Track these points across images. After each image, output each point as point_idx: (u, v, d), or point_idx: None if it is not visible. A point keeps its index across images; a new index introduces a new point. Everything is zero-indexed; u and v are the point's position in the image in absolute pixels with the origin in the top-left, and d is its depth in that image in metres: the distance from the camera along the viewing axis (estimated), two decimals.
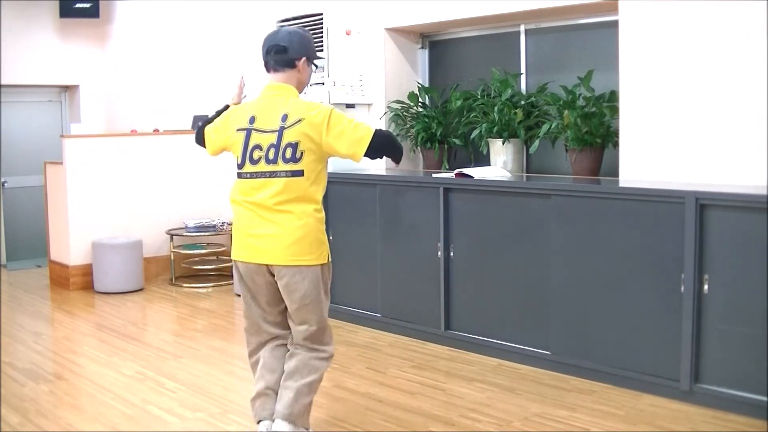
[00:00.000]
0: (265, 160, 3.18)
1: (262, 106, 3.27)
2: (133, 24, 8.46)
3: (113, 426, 3.67)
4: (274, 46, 3.27)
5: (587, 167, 4.73)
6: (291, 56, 3.25)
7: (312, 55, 3.34)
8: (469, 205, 4.68)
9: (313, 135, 3.15)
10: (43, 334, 5.39)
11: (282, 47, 3.25)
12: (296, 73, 3.28)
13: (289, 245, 3.15)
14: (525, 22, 5.30)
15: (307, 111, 3.18)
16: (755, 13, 3.89)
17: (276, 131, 3.18)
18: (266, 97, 3.29)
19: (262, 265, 3.22)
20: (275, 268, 3.19)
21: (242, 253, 3.26)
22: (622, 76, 4.43)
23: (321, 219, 3.24)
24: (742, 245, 3.57)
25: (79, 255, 6.82)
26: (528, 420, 3.65)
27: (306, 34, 3.36)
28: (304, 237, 3.16)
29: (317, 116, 3.16)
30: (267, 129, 3.20)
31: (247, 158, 3.23)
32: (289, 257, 3.16)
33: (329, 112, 3.19)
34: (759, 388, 3.52)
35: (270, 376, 3.35)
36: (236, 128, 3.28)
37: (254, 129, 3.23)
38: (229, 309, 6.06)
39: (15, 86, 8.44)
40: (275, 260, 3.17)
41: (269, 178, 3.17)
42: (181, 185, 7.31)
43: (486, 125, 5.13)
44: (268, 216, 3.18)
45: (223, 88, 7.19)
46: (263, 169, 3.18)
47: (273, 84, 3.29)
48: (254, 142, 3.22)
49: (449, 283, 4.80)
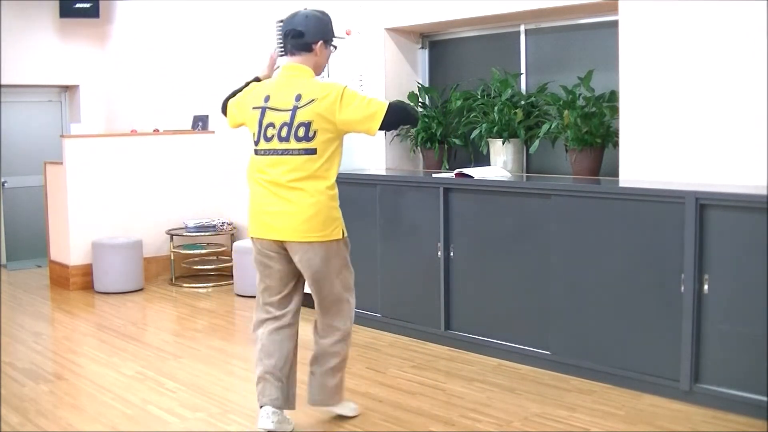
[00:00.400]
0: (277, 137, 3.30)
1: (278, 85, 3.39)
2: (133, 24, 8.46)
3: (113, 426, 3.67)
4: (291, 30, 3.38)
5: (587, 167, 4.73)
6: (307, 40, 3.36)
7: (329, 37, 3.45)
8: (469, 205, 4.68)
9: (326, 114, 3.26)
10: (43, 334, 5.39)
11: (299, 32, 3.36)
12: (313, 56, 3.39)
13: (301, 222, 3.27)
14: (525, 22, 5.30)
15: (320, 91, 3.28)
16: (755, 13, 3.89)
17: (289, 110, 3.29)
18: (282, 77, 3.40)
19: (276, 242, 3.35)
20: (288, 244, 3.32)
21: (257, 230, 3.39)
22: (622, 76, 4.43)
23: (333, 196, 3.36)
24: (742, 245, 3.57)
25: (79, 255, 6.82)
26: (528, 420, 3.65)
27: (323, 16, 3.44)
28: (317, 214, 3.28)
29: (330, 95, 3.26)
30: (281, 108, 3.31)
31: (261, 136, 3.35)
32: (301, 234, 3.28)
33: (342, 90, 3.29)
34: (759, 388, 3.52)
35: (268, 361, 3.42)
36: (252, 106, 3.41)
37: (268, 108, 3.34)
38: (229, 309, 6.06)
39: (15, 86, 8.43)
40: (288, 236, 3.30)
41: (282, 155, 3.29)
42: (181, 185, 7.31)
43: (486, 125, 5.13)
44: (281, 193, 3.29)
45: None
46: (276, 147, 3.30)
47: (290, 65, 3.40)
48: (268, 120, 3.33)
49: (449, 283, 4.80)
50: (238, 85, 3.65)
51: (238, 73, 6.97)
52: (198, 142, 7.41)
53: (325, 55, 3.44)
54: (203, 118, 7.52)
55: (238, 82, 3.71)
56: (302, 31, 3.35)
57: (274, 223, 3.32)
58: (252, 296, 6.30)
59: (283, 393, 3.45)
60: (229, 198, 7.35)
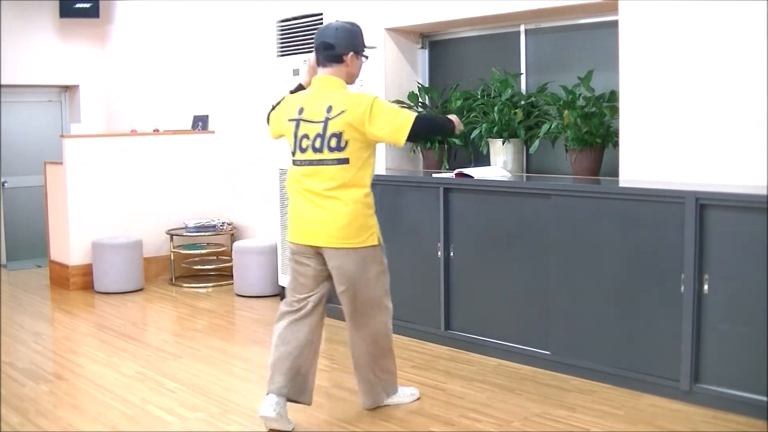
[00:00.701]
0: (312, 148, 3.44)
1: (311, 97, 3.52)
2: (133, 24, 8.46)
3: (113, 426, 3.67)
4: (322, 43, 3.52)
5: (587, 167, 4.73)
6: (338, 52, 3.49)
7: (359, 48, 3.56)
8: (469, 205, 4.68)
9: (356, 125, 3.38)
10: (43, 334, 5.39)
11: (329, 44, 3.49)
12: (345, 67, 3.51)
13: (336, 229, 3.42)
14: (525, 22, 5.30)
15: (351, 102, 3.41)
16: (755, 13, 3.89)
17: (322, 122, 3.42)
18: (315, 89, 3.54)
19: (311, 247, 3.50)
20: (324, 250, 3.47)
21: (295, 236, 3.55)
22: (622, 76, 4.43)
23: (369, 204, 3.49)
24: (742, 245, 3.57)
25: (79, 255, 6.82)
26: (528, 420, 3.65)
27: (353, 28, 3.59)
28: (351, 222, 3.42)
29: (360, 106, 3.39)
30: (314, 120, 3.44)
31: (297, 147, 3.50)
32: (336, 240, 3.43)
33: (371, 102, 3.41)
34: (759, 388, 3.52)
35: (283, 348, 3.54)
36: (288, 118, 3.56)
37: (302, 119, 3.48)
38: (229, 309, 6.06)
39: (15, 86, 8.43)
40: (324, 243, 3.45)
41: (317, 165, 3.44)
42: (181, 185, 7.31)
43: (486, 125, 5.13)
44: (318, 201, 3.44)
45: (226, 87, 7.21)
46: (311, 158, 3.45)
47: (322, 77, 3.53)
48: (302, 132, 3.47)
49: (449, 283, 4.80)
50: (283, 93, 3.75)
51: (238, 73, 7.00)
52: (198, 142, 7.41)
53: (357, 65, 3.55)
54: (203, 118, 7.52)
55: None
56: (332, 44, 3.48)
57: (311, 229, 3.46)
58: (252, 296, 6.32)
59: (293, 382, 3.49)
60: (229, 198, 7.35)
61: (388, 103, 3.47)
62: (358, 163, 3.42)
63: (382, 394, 3.78)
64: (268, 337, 5.18)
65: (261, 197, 6.90)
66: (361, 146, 3.42)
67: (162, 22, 8.00)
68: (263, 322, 5.56)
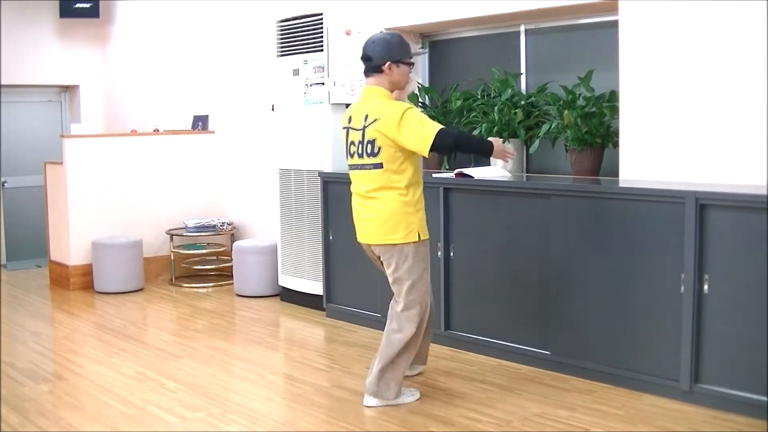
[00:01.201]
0: (357, 154, 3.75)
1: (356, 107, 3.82)
2: (133, 24, 8.46)
3: (113, 426, 3.67)
4: (363, 56, 3.76)
5: (587, 167, 4.73)
6: (376, 63, 3.72)
7: (395, 57, 3.72)
8: (469, 205, 4.68)
9: (386, 133, 3.62)
10: (43, 334, 5.39)
11: (368, 56, 3.74)
12: (386, 76, 3.73)
13: (378, 226, 3.73)
14: (525, 22, 5.30)
15: (384, 111, 3.64)
16: (755, 13, 3.89)
17: (361, 129, 3.71)
18: (360, 99, 3.83)
19: (367, 245, 3.87)
20: (373, 246, 3.81)
21: (358, 234, 3.89)
22: (622, 76, 4.43)
23: (408, 202, 3.72)
24: (742, 245, 3.57)
25: (79, 255, 6.82)
26: (528, 420, 3.65)
27: (391, 38, 3.76)
28: (389, 219, 3.70)
29: (390, 116, 3.61)
30: (356, 128, 3.75)
31: (347, 153, 3.83)
32: (379, 237, 3.74)
33: (402, 112, 3.60)
34: (759, 388, 3.52)
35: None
36: (342, 127, 3.88)
37: (350, 128, 3.80)
38: (229, 309, 6.06)
39: (15, 86, 8.44)
40: (371, 240, 3.80)
41: (360, 170, 3.76)
42: (181, 185, 7.31)
43: (486, 125, 5.13)
44: (364, 202, 3.79)
45: (226, 87, 7.21)
46: (356, 162, 3.77)
47: (366, 87, 3.80)
48: (350, 139, 3.80)
49: (449, 283, 4.80)
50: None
51: (238, 73, 7.00)
52: (198, 142, 7.41)
53: (398, 73, 3.74)
54: (203, 118, 7.52)
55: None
56: (370, 56, 3.71)
57: (362, 228, 3.84)
58: (252, 296, 6.32)
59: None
60: (229, 198, 7.35)
61: (419, 114, 3.63)
62: (393, 167, 3.67)
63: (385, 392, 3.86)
64: (268, 337, 5.21)
65: (261, 197, 6.90)
66: (394, 152, 3.64)
67: (162, 22, 8.00)
68: (263, 322, 5.56)
